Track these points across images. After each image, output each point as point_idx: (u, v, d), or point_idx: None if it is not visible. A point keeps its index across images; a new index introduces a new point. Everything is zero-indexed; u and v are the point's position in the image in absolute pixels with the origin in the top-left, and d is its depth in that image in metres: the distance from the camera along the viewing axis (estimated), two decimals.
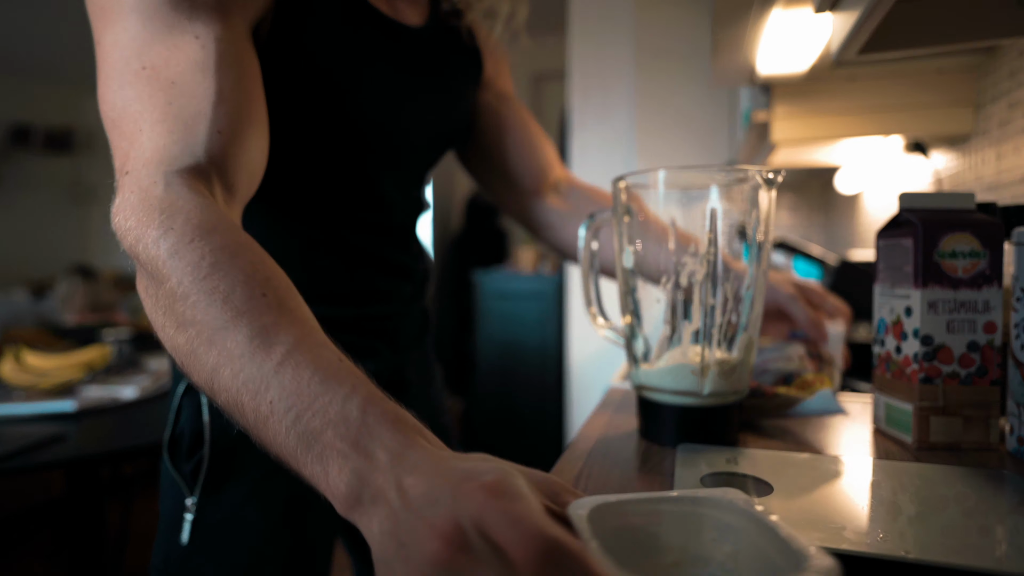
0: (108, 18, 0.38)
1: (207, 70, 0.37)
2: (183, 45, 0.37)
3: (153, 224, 0.33)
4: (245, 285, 0.30)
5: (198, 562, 0.47)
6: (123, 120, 0.36)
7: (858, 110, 0.98)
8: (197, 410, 0.50)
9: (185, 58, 0.37)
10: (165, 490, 0.51)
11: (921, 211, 0.48)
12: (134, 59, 0.37)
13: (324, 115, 0.46)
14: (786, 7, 0.69)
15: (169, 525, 0.49)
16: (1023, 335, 0.44)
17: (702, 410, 0.47)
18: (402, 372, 0.59)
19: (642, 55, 2.12)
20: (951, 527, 0.33)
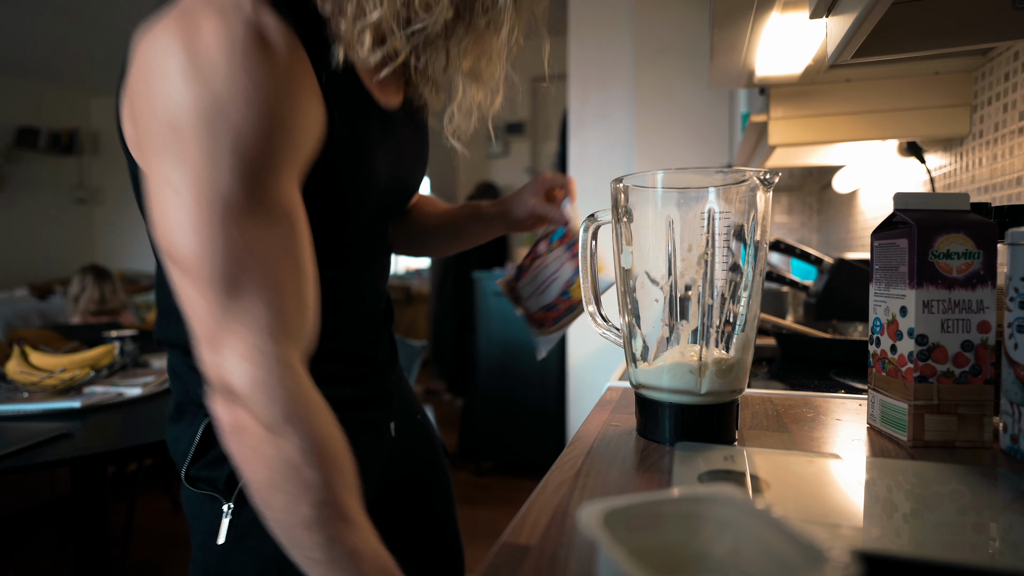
0: (186, 160, 0.39)
1: (295, 248, 0.43)
2: (275, 217, 0.42)
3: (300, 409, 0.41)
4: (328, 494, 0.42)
5: (235, 555, 0.52)
6: (224, 277, 0.40)
7: (854, 113, 0.99)
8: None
9: (279, 235, 0.42)
10: (194, 509, 0.55)
11: (916, 212, 0.48)
12: (229, 223, 0.40)
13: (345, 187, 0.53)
14: (783, 11, 0.70)
15: (204, 539, 0.54)
16: (1016, 335, 0.45)
17: (700, 408, 0.48)
18: (386, 389, 0.66)
19: (642, 56, 2.13)
20: (946, 524, 0.33)
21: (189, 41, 0.40)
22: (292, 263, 0.43)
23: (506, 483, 2.52)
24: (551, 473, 0.44)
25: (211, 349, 0.41)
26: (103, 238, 5.15)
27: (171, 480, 2.27)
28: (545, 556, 0.32)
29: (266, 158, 0.41)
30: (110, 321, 2.21)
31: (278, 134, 0.42)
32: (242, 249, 0.40)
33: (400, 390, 0.71)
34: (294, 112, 0.43)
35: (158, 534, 2.06)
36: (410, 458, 0.71)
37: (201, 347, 0.42)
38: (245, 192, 0.40)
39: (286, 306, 0.42)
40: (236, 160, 0.40)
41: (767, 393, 0.67)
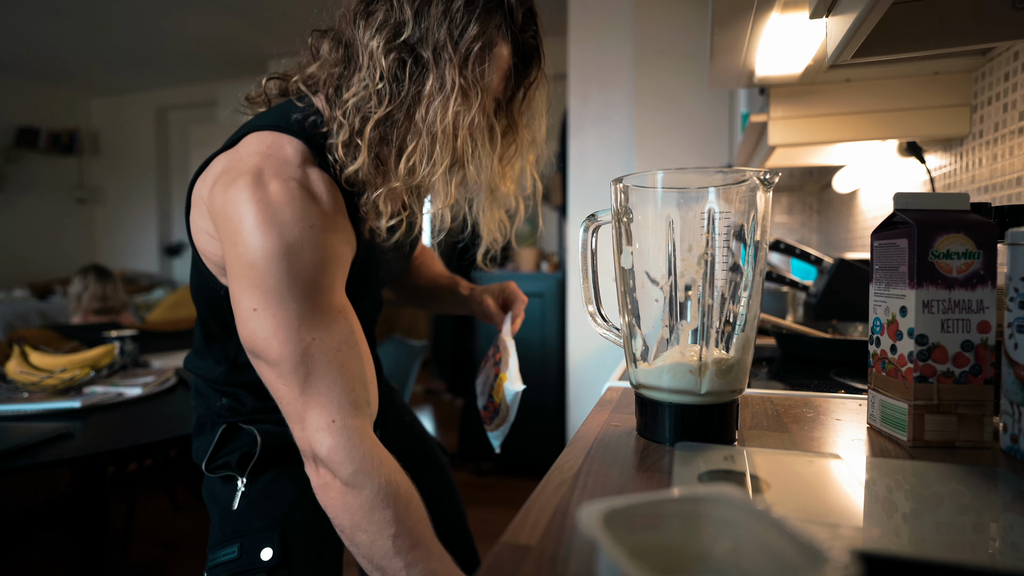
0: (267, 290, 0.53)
1: (353, 339, 0.56)
2: (335, 319, 0.55)
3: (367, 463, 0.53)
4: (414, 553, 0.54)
5: (246, 518, 0.65)
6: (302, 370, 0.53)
7: (854, 113, 0.99)
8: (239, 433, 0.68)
9: (339, 331, 0.55)
10: (213, 492, 0.68)
11: (916, 212, 0.48)
12: (304, 330, 0.53)
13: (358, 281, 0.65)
14: (783, 11, 0.70)
15: (222, 511, 0.66)
16: (1016, 335, 0.45)
17: (700, 408, 0.48)
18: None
19: (641, 56, 2.13)
20: (946, 524, 0.33)
21: (261, 201, 0.53)
22: (351, 350, 0.55)
23: (506, 483, 2.52)
24: (551, 473, 0.44)
25: (299, 426, 0.53)
26: (103, 238, 5.15)
27: (171, 480, 2.27)
28: (545, 556, 0.32)
29: (323, 279, 0.54)
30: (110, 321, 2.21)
31: (330, 260, 0.55)
32: (311, 345, 0.53)
33: (385, 397, 0.81)
34: (338, 242, 0.57)
35: (158, 534, 2.06)
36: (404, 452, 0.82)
37: (291, 426, 0.54)
38: (309, 305, 0.53)
39: (352, 384, 0.54)
40: (303, 286, 0.53)
41: (767, 393, 0.67)
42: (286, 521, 0.64)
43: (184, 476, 2.11)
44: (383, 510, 0.52)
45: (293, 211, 0.53)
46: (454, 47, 0.56)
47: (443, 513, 0.85)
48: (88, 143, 4.97)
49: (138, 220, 4.99)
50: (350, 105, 0.58)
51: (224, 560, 0.62)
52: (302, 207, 0.54)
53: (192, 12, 3.30)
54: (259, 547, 0.62)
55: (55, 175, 4.82)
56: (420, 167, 0.58)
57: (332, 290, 0.56)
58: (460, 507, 0.88)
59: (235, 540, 0.63)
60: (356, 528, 0.53)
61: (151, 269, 4.90)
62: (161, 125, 4.94)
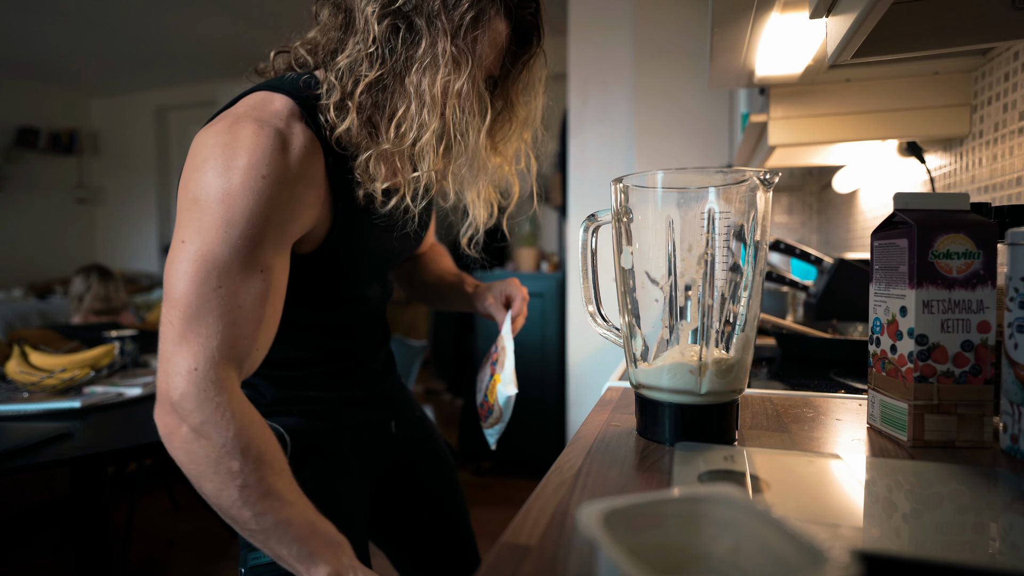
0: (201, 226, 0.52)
1: (262, 301, 0.55)
2: (253, 281, 0.54)
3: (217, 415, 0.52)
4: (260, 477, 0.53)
5: None
6: (193, 313, 0.52)
7: (854, 113, 0.99)
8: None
9: (252, 292, 0.54)
10: None
11: (916, 212, 0.48)
12: (213, 276, 0.52)
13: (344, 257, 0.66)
14: (783, 11, 0.70)
15: None
16: (1016, 335, 0.45)
17: (700, 408, 0.48)
18: (386, 392, 0.80)
19: (641, 56, 2.13)
20: (946, 524, 0.33)
21: (227, 142, 0.53)
22: (252, 312, 0.54)
23: (506, 483, 2.52)
24: (551, 473, 0.44)
25: (163, 367, 0.52)
26: (103, 238, 5.15)
27: (171, 480, 2.27)
28: (545, 556, 0.32)
29: (256, 232, 0.53)
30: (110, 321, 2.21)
31: (272, 216, 0.54)
32: (214, 293, 0.52)
33: (397, 393, 0.83)
34: (292, 201, 0.56)
35: (158, 534, 2.06)
36: (415, 447, 0.84)
37: (159, 366, 0.53)
38: (232, 254, 0.53)
39: (234, 342, 0.53)
40: (234, 233, 0.52)
41: (767, 393, 0.67)
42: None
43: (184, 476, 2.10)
44: (230, 460, 0.51)
45: (249, 157, 0.53)
46: (447, 16, 0.57)
47: (445, 511, 0.85)
48: (88, 143, 4.97)
49: (138, 220, 4.99)
50: (343, 66, 0.58)
51: (267, 561, 0.62)
52: (262, 155, 0.53)
53: (192, 12, 3.30)
54: None
55: (55, 175, 4.82)
56: (409, 132, 0.59)
57: (263, 245, 0.54)
58: (463, 505, 0.89)
59: None
60: (201, 477, 0.52)
61: (151, 269, 4.90)
62: (161, 125, 4.94)
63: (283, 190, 0.54)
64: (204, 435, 0.51)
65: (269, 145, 0.54)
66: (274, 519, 0.52)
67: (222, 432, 0.51)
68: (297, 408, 0.69)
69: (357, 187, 0.61)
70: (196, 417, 0.51)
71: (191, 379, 0.51)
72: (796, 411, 0.59)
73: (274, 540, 0.53)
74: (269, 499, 0.52)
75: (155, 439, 1.00)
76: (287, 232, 0.57)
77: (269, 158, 0.54)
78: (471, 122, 0.61)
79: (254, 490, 0.52)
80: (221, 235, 0.52)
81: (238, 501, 0.52)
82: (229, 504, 0.52)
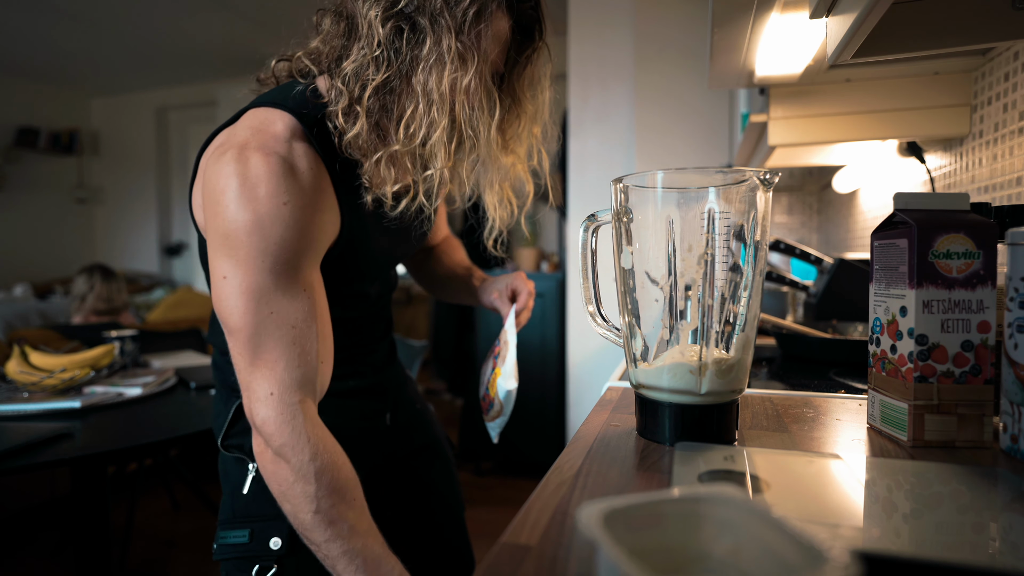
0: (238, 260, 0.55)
1: (312, 317, 0.58)
2: (297, 296, 0.57)
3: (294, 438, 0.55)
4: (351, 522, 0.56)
5: (256, 503, 0.66)
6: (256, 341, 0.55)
7: (854, 113, 0.99)
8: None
9: (299, 309, 0.57)
10: (227, 468, 0.70)
11: (916, 212, 0.48)
12: (264, 304, 0.55)
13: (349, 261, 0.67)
14: (783, 11, 0.70)
15: (233, 489, 0.68)
16: (1016, 335, 0.45)
17: (700, 408, 0.48)
18: (382, 384, 0.81)
19: (642, 55, 2.13)
20: (946, 524, 0.33)
21: (241, 174, 0.55)
22: (308, 329, 0.57)
23: (506, 483, 2.52)
24: (551, 473, 0.44)
25: (246, 394, 0.56)
26: (103, 238, 5.15)
27: (171, 480, 2.27)
28: (545, 556, 0.32)
29: (291, 256, 0.56)
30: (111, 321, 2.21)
31: (301, 238, 0.57)
32: (268, 319, 0.55)
33: (397, 384, 0.84)
34: (314, 219, 0.58)
35: (158, 534, 2.06)
36: (406, 442, 0.83)
37: (242, 393, 0.57)
38: (273, 279, 0.55)
39: (300, 360, 0.56)
40: (270, 260, 0.55)
41: (767, 393, 0.67)
42: None
43: (184, 476, 2.11)
44: (305, 484, 0.54)
45: (269, 187, 0.55)
46: (450, 13, 0.58)
47: (443, 504, 0.85)
48: (88, 143, 4.97)
49: (138, 220, 4.99)
50: (349, 72, 0.59)
51: (234, 542, 0.65)
52: (278, 183, 0.56)
53: (192, 12, 3.30)
54: (269, 535, 0.65)
55: (55, 175, 4.82)
56: (419, 131, 0.59)
57: (299, 267, 0.57)
58: (460, 500, 0.89)
59: (246, 524, 0.65)
60: (281, 497, 0.56)
61: (151, 269, 4.90)
62: (161, 125, 4.94)
63: (305, 211, 0.57)
64: (284, 457, 0.54)
65: (279, 172, 0.56)
66: (341, 548, 0.54)
67: (299, 455, 0.54)
68: None
69: (365, 192, 0.62)
70: (276, 440, 0.54)
71: (269, 403, 0.54)
72: (796, 411, 0.59)
73: (340, 566, 0.55)
74: (338, 526, 0.55)
75: (155, 439, 1.01)
76: (318, 249, 0.60)
77: (286, 185, 0.56)
78: (481, 118, 0.62)
79: (325, 516, 0.54)
80: (259, 264, 0.55)
81: (310, 524, 0.54)
82: (302, 526, 0.55)
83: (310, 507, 0.54)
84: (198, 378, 1.39)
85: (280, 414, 0.54)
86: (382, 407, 0.79)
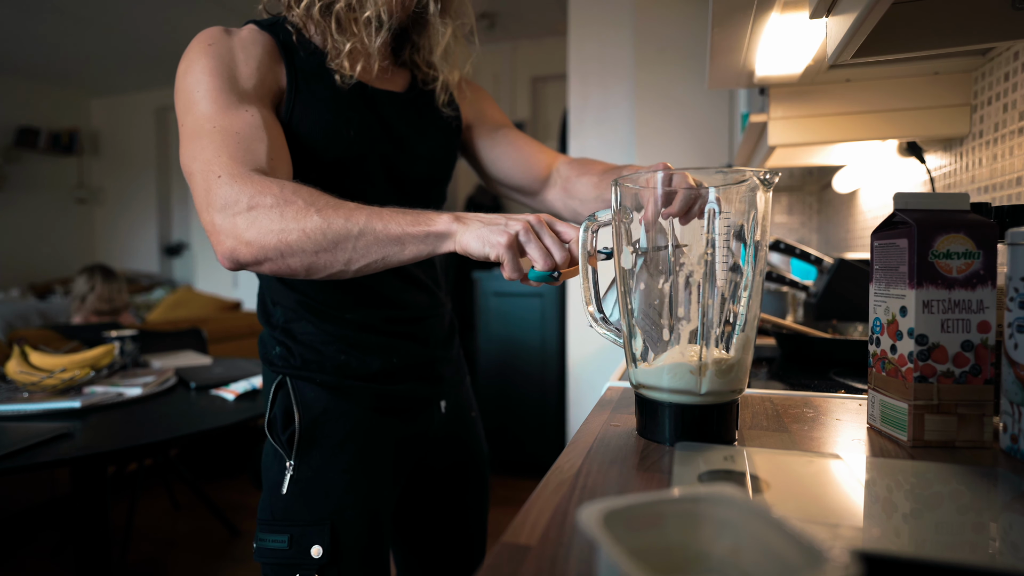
0: (189, 106, 0.60)
1: (259, 128, 0.59)
2: (241, 114, 0.59)
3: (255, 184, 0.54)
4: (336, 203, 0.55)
5: (295, 506, 0.65)
6: (204, 161, 0.56)
7: (854, 113, 0.99)
8: (288, 398, 0.68)
9: (243, 121, 0.59)
10: (268, 461, 0.69)
11: (916, 212, 0.48)
12: (207, 124, 0.58)
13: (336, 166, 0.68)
14: (783, 11, 0.70)
15: (272, 486, 0.67)
16: (1016, 335, 0.45)
17: (700, 408, 0.48)
18: (434, 366, 0.76)
19: (642, 56, 2.13)
20: (946, 524, 0.33)
21: (193, 41, 0.63)
22: (254, 133, 0.58)
23: (506, 483, 2.52)
24: (551, 473, 0.44)
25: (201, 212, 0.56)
26: (103, 238, 5.15)
27: (171, 480, 2.27)
28: (545, 556, 0.32)
29: (223, 82, 0.60)
30: (110, 321, 2.21)
31: (228, 67, 0.62)
32: (212, 131, 0.57)
33: (455, 381, 0.81)
34: (248, 56, 0.64)
35: (158, 534, 2.06)
36: (455, 443, 0.80)
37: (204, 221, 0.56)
38: (211, 103, 0.59)
39: (246, 151, 0.56)
40: (203, 88, 0.60)
41: (767, 393, 0.67)
42: (337, 517, 0.65)
43: (184, 476, 2.11)
44: (286, 206, 0.53)
45: (200, 40, 0.63)
46: None
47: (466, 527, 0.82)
48: (88, 143, 4.97)
49: (138, 220, 4.99)
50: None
51: (274, 547, 0.64)
52: (209, 35, 0.63)
53: (192, 12, 3.30)
54: (309, 543, 0.63)
55: (55, 175, 4.82)
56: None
57: (237, 91, 0.61)
58: (484, 522, 0.86)
59: (285, 528, 0.64)
60: (284, 233, 0.52)
61: (151, 269, 4.90)
62: (161, 125, 4.94)
63: (233, 50, 0.63)
64: (257, 207, 0.53)
65: (215, 30, 0.64)
66: (365, 216, 0.52)
67: (265, 195, 0.53)
68: (321, 377, 0.68)
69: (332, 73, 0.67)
70: (243, 201, 0.53)
71: (220, 183, 0.54)
72: (796, 411, 0.59)
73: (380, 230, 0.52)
74: (345, 208, 0.53)
75: (155, 439, 1.01)
76: (257, 84, 0.63)
77: (217, 36, 0.63)
78: None
79: (326, 206, 0.53)
80: (197, 96, 0.59)
81: (322, 224, 0.52)
82: (319, 241, 0.52)
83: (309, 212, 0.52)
84: (198, 378, 1.39)
85: (235, 179, 0.54)
86: (436, 392, 0.76)
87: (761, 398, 0.65)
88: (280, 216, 0.52)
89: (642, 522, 0.27)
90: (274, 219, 0.52)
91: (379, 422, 0.71)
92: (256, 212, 0.52)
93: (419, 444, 0.75)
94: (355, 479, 0.67)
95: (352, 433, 0.68)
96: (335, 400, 0.68)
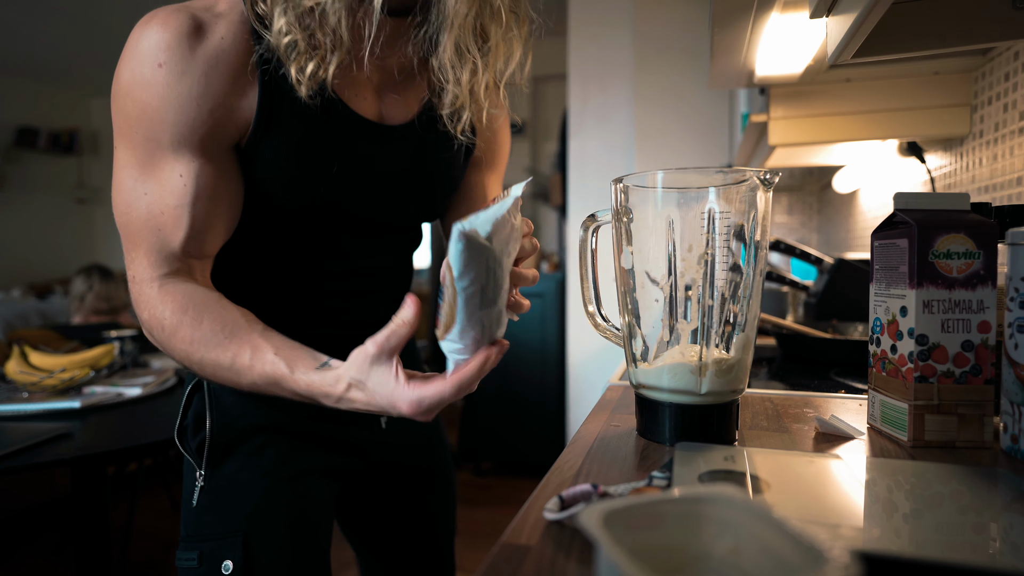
0: (122, 139, 0.51)
1: (183, 206, 0.51)
2: (170, 183, 0.51)
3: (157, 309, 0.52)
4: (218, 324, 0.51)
5: (206, 518, 0.60)
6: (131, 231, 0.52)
7: (854, 113, 0.99)
8: (202, 403, 0.63)
9: (167, 193, 0.51)
10: (186, 472, 0.63)
11: (916, 212, 0.48)
12: (140, 184, 0.51)
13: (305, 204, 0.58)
14: (783, 11, 0.70)
15: (188, 497, 0.62)
16: (1016, 335, 0.45)
17: (700, 408, 0.48)
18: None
19: (642, 55, 2.13)
20: (946, 524, 0.33)
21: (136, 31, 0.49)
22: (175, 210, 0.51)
23: (506, 483, 2.52)
24: (551, 473, 0.44)
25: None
26: (103, 238, 5.14)
27: (171, 480, 2.27)
28: (545, 556, 0.32)
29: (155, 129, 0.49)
30: (110, 321, 2.21)
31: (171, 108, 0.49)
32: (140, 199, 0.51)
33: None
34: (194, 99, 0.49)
35: (158, 534, 2.06)
36: (401, 449, 0.74)
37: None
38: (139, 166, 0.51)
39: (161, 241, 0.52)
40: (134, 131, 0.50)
41: (767, 393, 0.67)
42: (251, 524, 0.59)
43: None
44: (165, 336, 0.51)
45: (150, 43, 0.47)
46: None
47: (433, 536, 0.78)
48: (88, 143, 4.97)
49: None
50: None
51: (186, 566, 0.59)
52: (166, 39, 0.47)
53: None
54: (219, 558, 0.57)
55: (55, 175, 4.81)
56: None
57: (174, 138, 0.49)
58: (452, 529, 0.81)
59: (195, 544, 0.59)
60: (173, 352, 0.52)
61: None
62: None
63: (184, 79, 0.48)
64: (151, 327, 0.52)
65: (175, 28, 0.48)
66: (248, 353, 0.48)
67: (164, 317, 0.51)
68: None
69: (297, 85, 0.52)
70: (143, 315, 0.52)
71: (132, 282, 0.53)
72: (796, 411, 0.59)
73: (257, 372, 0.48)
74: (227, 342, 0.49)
75: (155, 439, 1.01)
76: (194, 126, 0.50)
77: (170, 43, 0.48)
78: None
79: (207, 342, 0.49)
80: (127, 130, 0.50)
81: (201, 361, 0.50)
82: (202, 371, 0.51)
83: (186, 339, 0.50)
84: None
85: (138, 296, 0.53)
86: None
87: (761, 398, 0.65)
88: (168, 341, 0.52)
89: (642, 522, 0.26)
90: (164, 341, 0.52)
91: (309, 425, 0.64)
92: (151, 328, 0.52)
93: (360, 445, 0.68)
94: (275, 484, 0.60)
95: (274, 438, 0.62)
96: (256, 405, 0.62)
